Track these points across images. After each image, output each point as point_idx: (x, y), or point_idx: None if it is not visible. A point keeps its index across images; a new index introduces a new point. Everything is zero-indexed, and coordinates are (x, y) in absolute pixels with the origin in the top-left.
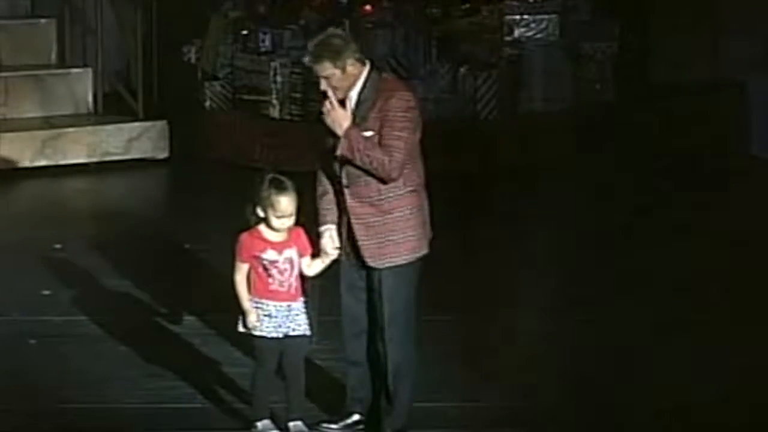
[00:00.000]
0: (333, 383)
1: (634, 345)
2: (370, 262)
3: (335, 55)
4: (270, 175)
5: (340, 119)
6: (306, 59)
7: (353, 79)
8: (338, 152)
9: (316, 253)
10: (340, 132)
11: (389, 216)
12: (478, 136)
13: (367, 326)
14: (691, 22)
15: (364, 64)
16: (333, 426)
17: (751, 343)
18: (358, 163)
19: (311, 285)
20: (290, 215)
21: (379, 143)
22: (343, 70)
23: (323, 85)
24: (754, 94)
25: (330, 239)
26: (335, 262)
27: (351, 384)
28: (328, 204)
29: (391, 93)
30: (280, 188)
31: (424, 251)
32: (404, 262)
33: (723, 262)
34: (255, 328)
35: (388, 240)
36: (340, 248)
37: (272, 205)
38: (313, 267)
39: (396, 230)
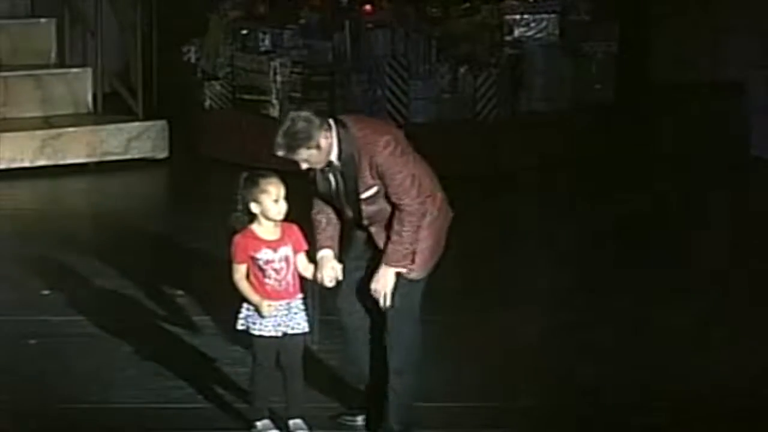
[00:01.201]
0: (335, 383)
1: (633, 345)
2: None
3: (307, 140)
4: (245, 174)
5: (386, 283)
6: (280, 154)
7: (329, 148)
8: (407, 271)
9: (313, 259)
10: (394, 275)
11: None
12: (478, 136)
13: (371, 327)
14: (691, 22)
15: (331, 128)
16: (358, 419)
17: (751, 343)
18: (413, 248)
19: (311, 286)
20: (283, 198)
21: (387, 191)
22: (318, 147)
23: (304, 165)
24: (754, 94)
25: (332, 270)
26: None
27: (357, 377)
28: (328, 227)
29: (371, 151)
30: (264, 175)
31: (439, 252)
32: (420, 276)
33: (723, 262)
34: (270, 313)
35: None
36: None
37: (265, 191)
38: (310, 271)
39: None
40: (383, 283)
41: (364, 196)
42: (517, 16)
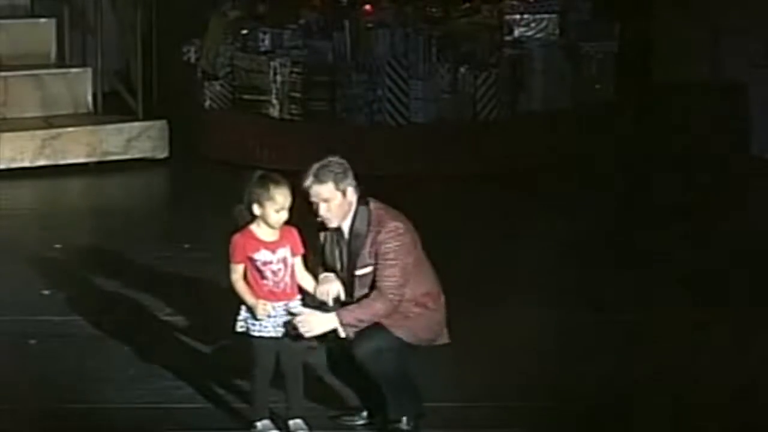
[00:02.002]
0: (334, 383)
1: (633, 345)
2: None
3: (339, 178)
4: (261, 173)
5: (320, 324)
6: (307, 182)
7: (348, 208)
8: (346, 335)
9: (311, 265)
10: (332, 326)
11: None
12: (478, 136)
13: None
14: (691, 21)
15: (358, 192)
16: (357, 419)
17: (751, 343)
18: (366, 324)
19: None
20: (287, 208)
21: (375, 273)
22: (344, 194)
23: (321, 209)
24: (754, 94)
25: (335, 290)
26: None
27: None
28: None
29: (379, 228)
30: (276, 182)
31: (425, 338)
32: (402, 337)
33: (723, 261)
34: (267, 315)
35: (399, 315)
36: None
37: (271, 198)
38: (306, 281)
39: (403, 310)
40: (316, 325)
41: (358, 272)
42: (517, 16)
